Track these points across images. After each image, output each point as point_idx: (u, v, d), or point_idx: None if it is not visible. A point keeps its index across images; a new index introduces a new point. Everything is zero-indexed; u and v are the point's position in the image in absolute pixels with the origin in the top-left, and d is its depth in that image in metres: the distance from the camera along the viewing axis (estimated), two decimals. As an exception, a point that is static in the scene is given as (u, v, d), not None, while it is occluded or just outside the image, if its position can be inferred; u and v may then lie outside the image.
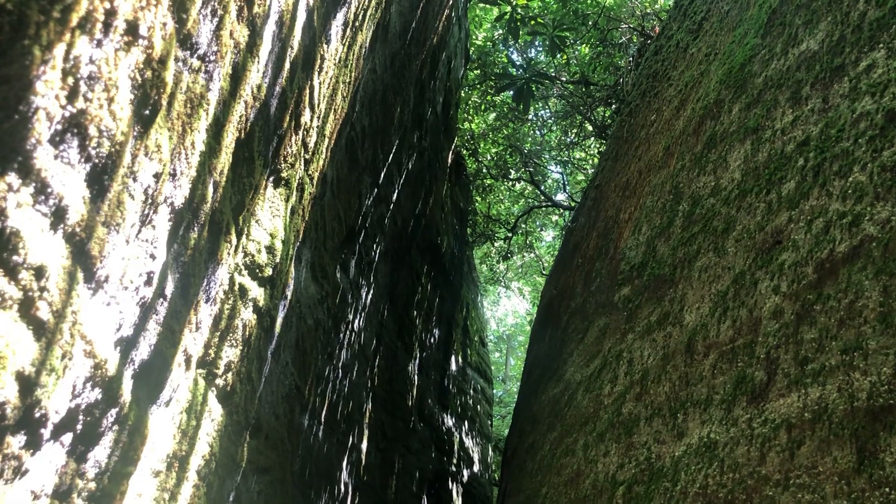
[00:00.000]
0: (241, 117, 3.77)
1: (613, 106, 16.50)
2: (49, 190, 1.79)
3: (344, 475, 11.35)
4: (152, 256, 2.91)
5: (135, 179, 2.40)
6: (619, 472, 4.46)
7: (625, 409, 4.77)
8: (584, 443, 5.26)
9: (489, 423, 24.43)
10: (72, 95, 1.71)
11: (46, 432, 2.41)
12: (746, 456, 3.20)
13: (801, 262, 3.44)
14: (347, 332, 10.81)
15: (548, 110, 21.42)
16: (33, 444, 2.33)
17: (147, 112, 2.30)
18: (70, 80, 1.68)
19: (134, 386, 3.34)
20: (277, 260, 5.73)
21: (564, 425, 6.10)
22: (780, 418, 3.08)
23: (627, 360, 5.08)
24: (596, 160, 19.74)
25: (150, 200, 2.64)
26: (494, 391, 33.69)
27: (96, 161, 2.00)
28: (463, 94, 19.43)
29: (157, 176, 2.61)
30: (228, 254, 4.47)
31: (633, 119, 8.58)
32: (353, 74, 7.39)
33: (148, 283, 2.94)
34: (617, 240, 6.68)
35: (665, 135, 6.56)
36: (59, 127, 1.74)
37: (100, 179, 2.08)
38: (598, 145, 20.00)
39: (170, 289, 3.34)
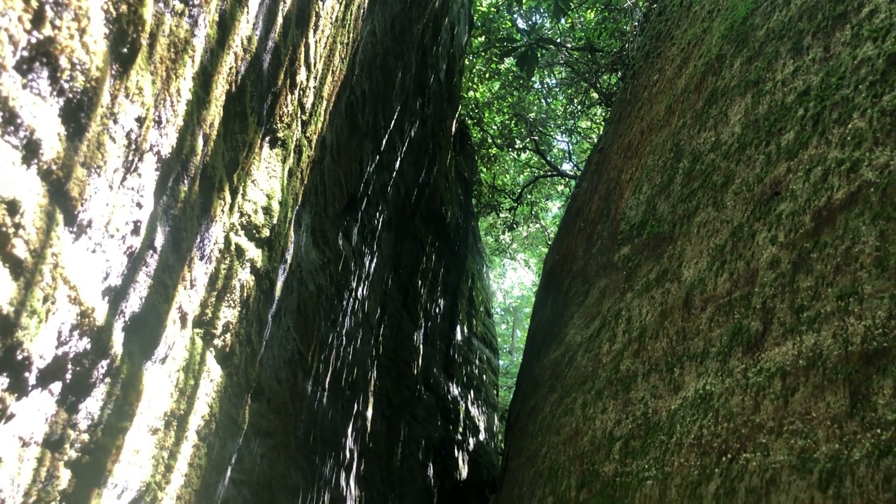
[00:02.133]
0: (231, 69, 3.71)
1: (619, 73, 16.31)
2: (18, 121, 1.76)
3: (349, 442, 11.41)
4: (139, 205, 2.88)
5: (115, 121, 2.36)
6: (617, 427, 4.45)
7: (622, 367, 4.74)
8: (582, 401, 5.25)
9: (495, 392, 24.53)
10: (37, 20, 1.67)
11: (31, 377, 2.40)
12: (741, 405, 3.18)
13: (799, 212, 3.38)
14: (351, 300, 10.81)
15: (553, 78, 21.22)
16: (17, 388, 2.32)
17: (125, 50, 2.25)
18: (34, 3, 1.64)
19: (126, 339, 3.34)
20: (275, 221, 5.70)
21: (564, 386, 6.10)
22: (775, 367, 3.05)
23: (626, 319, 5.05)
24: (601, 129, 19.57)
25: (133, 146, 2.61)
26: (501, 362, 33.83)
27: (70, 96, 1.96)
28: (467, 62, 19.25)
29: (140, 120, 2.57)
30: (223, 211, 4.45)
31: (636, 80, 8.48)
32: (350, 36, 7.30)
33: (135, 232, 2.92)
34: (618, 201, 6.62)
35: (667, 93, 6.47)
36: (26, 54, 1.70)
37: (76, 116, 2.05)
38: (603, 113, 19.81)
39: (160, 241, 3.32)
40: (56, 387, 2.72)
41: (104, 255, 2.71)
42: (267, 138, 5.30)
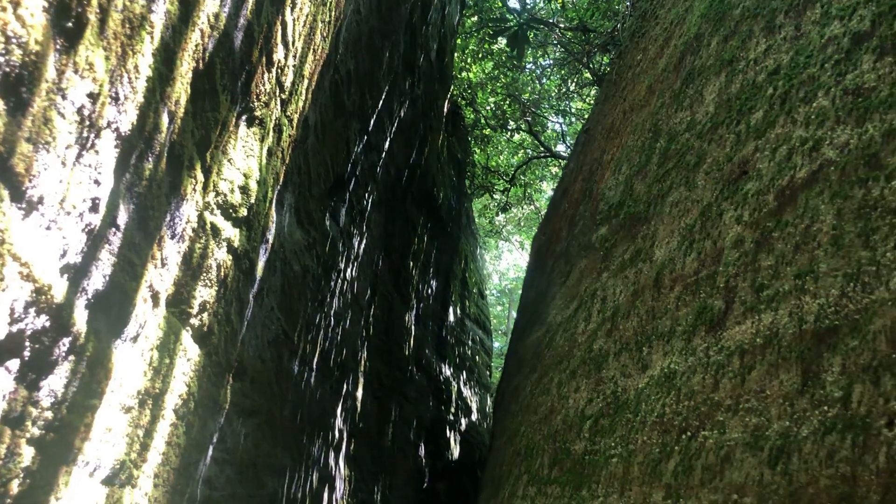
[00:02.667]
0: (196, 46, 3.69)
1: (612, 53, 16.24)
2: (-51, 94, 1.75)
3: (338, 422, 11.45)
4: (97, 182, 2.87)
5: (64, 97, 2.34)
6: (588, 406, 4.48)
7: (595, 346, 4.76)
8: (557, 381, 5.28)
9: (488, 373, 24.63)
10: (-38, -8, 1.66)
11: (-16, 354, 2.41)
12: (701, 384, 3.20)
13: (764, 191, 3.38)
14: (339, 281, 10.81)
15: (547, 58, 21.12)
16: (-32, 364, 2.33)
17: (70, 25, 2.24)
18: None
19: (90, 317, 3.34)
20: (252, 201, 5.69)
21: (543, 366, 6.12)
22: (735, 345, 3.07)
23: (601, 299, 5.07)
24: (594, 109, 19.47)
25: (88, 122, 2.60)
26: (496, 344, 33.92)
27: (7, 70, 1.95)
28: (459, 42, 19.13)
29: (93, 97, 2.55)
30: (194, 190, 4.43)
31: (622, 61, 8.44)
32: (333, 14, 7.25)
33: (94, 209, 2.91)
34: (599, 181, 6.62)
35: (649, 73, 6.45)
36: (-47, 27, 1.70)
37: (16, 91, 2.03)
38: (596, 93, 19.73)
39: (122, 219, 3.31)
40: (13, 364, 2.73)
41: (60, 233, 2.71)
42: (243, 117, 5.28)
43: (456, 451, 19.27)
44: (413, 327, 16.40)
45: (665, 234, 4.36)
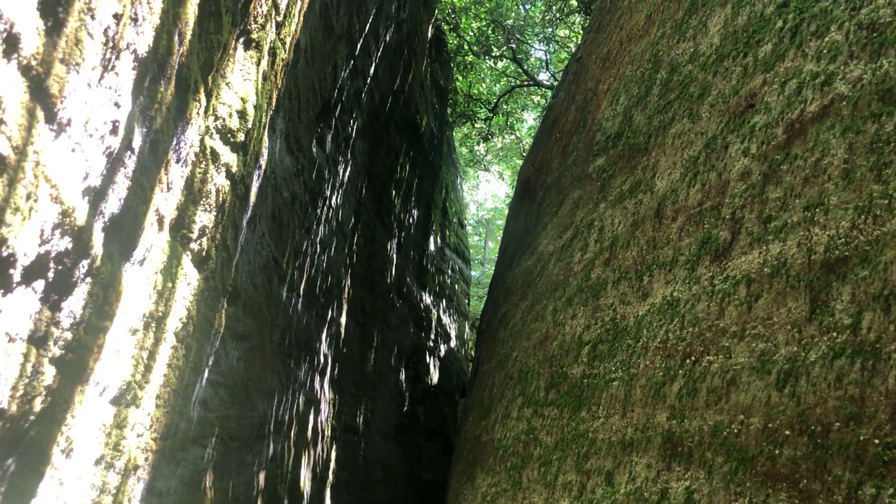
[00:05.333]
0: (205, -34, 3.61)
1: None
2: (-2, 12, 1.73)
3: (323, 347, 11.61)
4: (117, 105, 2.86)
5: (93, 17, 2.31)
6: (586, 332, 4.61)
7: (593, 275, 4.87)
8: (553, 308, 5.40)
9: (466, 301, 24.94)
10: None
11: (16, 274, 2.44)
12: (706, 311, 3.31)
13: (772, 124, 3.44)
14: (325, 208, 10.80)
15: (532, -16, 20.72)
16: (3, 285, 2.36)
17: (100, -58, 2.19)
18: None
19: (105, 239, 3.36)
20: (249, 125, 5.64)
21: (536, 294, 6.25)
22: (741, 274, 3.17)
23: (598, 229, 5.16)
24: (580, 38, 19.27)
25: (111, 43, 2.57)
26: (473, 273, 34.22)
27: (47, -12, 1.93)
28: (444, -35, 18.68)
29: (117, 17, 2.52)
30: (198, 114, 4.40)
31: (616, -11, 8.33)
32: (326, -67, 7.04)
33: (114, 132, 2.90)
34: (595, 112, 6.63)
35: (648, 2, 6.40)
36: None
37: (54, 10, 2.01)
38: (582, 21, 19.48)
39: (137, 142, 3.30)
40: (39, 285, 2.76)
41: (83, 155, 2.71)
42: (241, 39, 5.19)
43: (435, 377, 19.68)
44: (395, 256, 16.49)
45: (667, 165, 4.42)
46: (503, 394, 5.98)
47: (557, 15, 19.73)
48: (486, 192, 46.51)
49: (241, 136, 5.51)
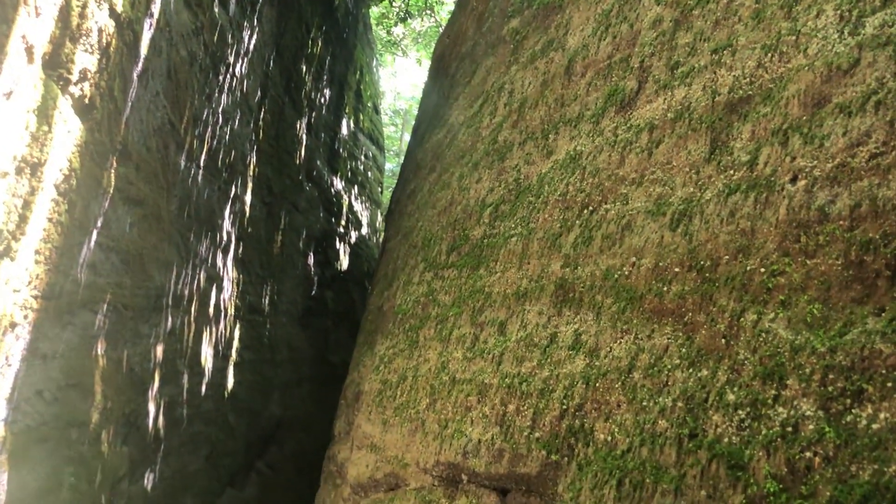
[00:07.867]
0: None
1: None
2: None
3: (226, 224, 11.26)
4: None
5: None
6: (489, 195, 4.52)
7: (500, 138, 4.75)
8: (458, 174, 5.28)
9: (379, 190, 24.66)
10: None
11: None
12: (607, 161, 3.24)
13: (687, -30, 3.31)
14: (228, 76, 10.23)
15: None
16: None
17: None
18: None
19: (-45, 55, 2.98)
20: (137, -39, 5.13)
21: (444, 164, 6.10)
22: (644, 122, 3.10)
23: (508, 92, 5.00)
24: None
25: None
26: (388, 165, 33.78)
27: None
28: None
29: None
30: (70, -69, 3.92)
31: None
32: None
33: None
34: (512, -25, 6.34)
35: None
36: None
37: None
38: None
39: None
40: None
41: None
42: None
43: (345, 263, 19.58)
44: (304, 136, 15.96)
45: (580, 21, 4.26)
46: (406, 262, 5.91)
47: None
48: (405, 80, 45.46)
49: (126, -27, 5.01)
